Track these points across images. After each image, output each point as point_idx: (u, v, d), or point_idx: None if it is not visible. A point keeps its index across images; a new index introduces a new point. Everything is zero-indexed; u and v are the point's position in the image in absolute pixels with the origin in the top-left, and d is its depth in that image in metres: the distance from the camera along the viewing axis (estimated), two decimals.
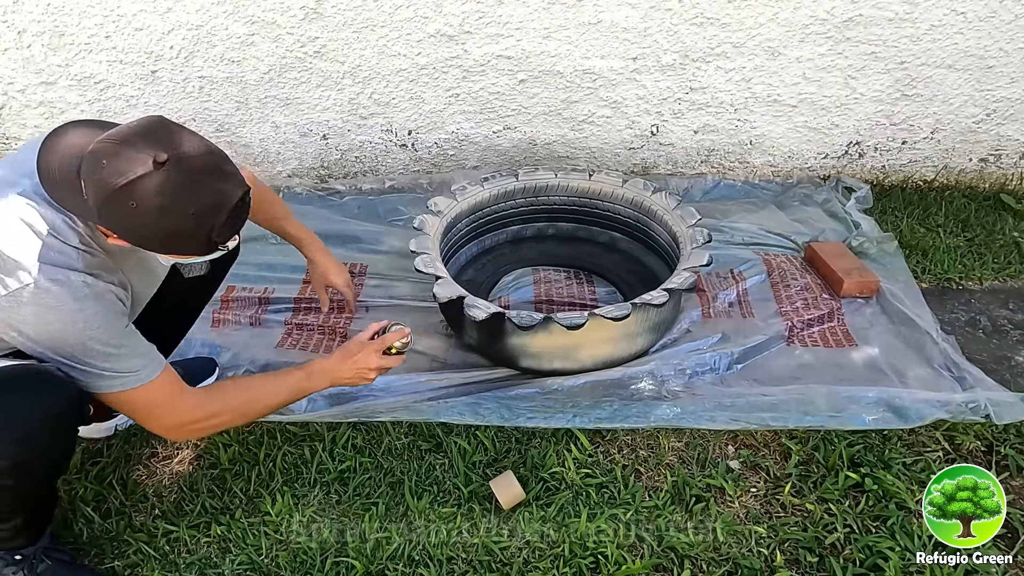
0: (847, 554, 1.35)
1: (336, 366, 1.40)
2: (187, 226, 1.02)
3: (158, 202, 0.98)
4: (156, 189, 0.97)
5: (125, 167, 0.97)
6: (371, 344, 1.43)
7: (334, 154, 2.60)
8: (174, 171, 0.98)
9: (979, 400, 1.61)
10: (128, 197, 0.97)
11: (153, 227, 1.01)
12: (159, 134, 1.01)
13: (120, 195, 0.97)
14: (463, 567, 1.34)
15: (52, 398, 1.09)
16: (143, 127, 1.02)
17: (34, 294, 1.04)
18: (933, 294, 2.09)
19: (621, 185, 2.10)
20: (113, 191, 0.97)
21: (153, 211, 0.98)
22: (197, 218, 1.01)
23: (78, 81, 2.35)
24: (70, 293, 1.06)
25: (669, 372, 1.75)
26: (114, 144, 0.99)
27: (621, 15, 2.27)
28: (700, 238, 1.81)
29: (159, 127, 1.03)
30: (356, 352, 1.42)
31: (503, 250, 2.25)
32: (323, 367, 1.40)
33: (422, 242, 1.82)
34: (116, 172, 0.97)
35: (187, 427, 1.27)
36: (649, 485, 1.51)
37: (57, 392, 1.10)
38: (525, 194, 2.17)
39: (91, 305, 1.09)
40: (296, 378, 1.37)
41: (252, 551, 1.37)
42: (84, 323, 1.08)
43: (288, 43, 2.30)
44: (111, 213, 1.00)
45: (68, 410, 1.12)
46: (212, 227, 1.03)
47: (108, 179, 0.97)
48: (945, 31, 2.32)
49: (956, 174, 2.69)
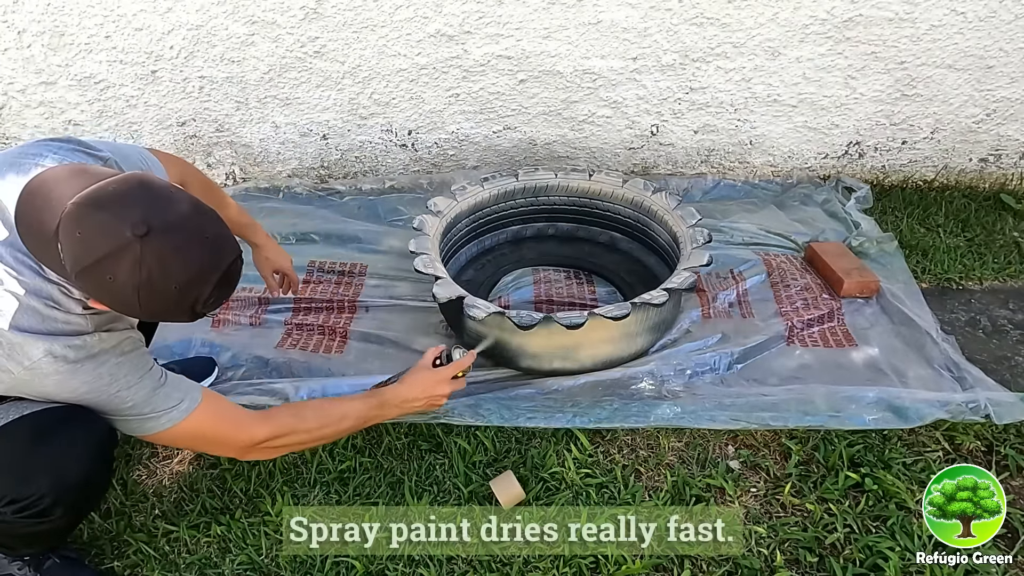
0: (847, 554, 1.35)
1: (407, 395, 1.42)
2: (169, 300, 0.94)
3: (136, 278, 0.90)
4: (133, 264, 0.89)
5: (99, 241, 0.89)
6: (442, 371, 1.46)
7: (334, 154, 2.60)
8: (154, 243, 0.90)
9: (979, 400, 1.61)
10: (104, 271, 0.90)
11: (131, 301, 0.93)
12: (138, 198, 0.92)
13: (96, 268, 0.90)
14: (463, 567, 1.34)
15: (93, 431, 1.10)
16: (121, 190, 0.92)
17: (53, 363, 1.02)
18: (933, 294, 2.09)
19: (621, 185, 2.10)
20: (89, 264, 0.90)
21: (131, 286, 0.91)
22: (180, 292, 0.94)
23: (78, 81, 2.35)
24: (89, 354, 1.04)
25: (669, 372, 1.75)
26: (89, 209, 0.90)
27: (621, 15, 2.27)
28: (700, 238, 1.81)
29: (139, 189, 0.93)
30: (427, 381, 1.44)
31: (503, 250, 2.25)
32: (395, 398, 1.41)
33: (422, 242, 1.82)
34: (90, 246, 0.89)
35: (258, 448, 1.25)
36: (649, 485, 1.51)
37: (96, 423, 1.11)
38: (525, 194, 2.17)
39: (113, 358, 1.07)
40: (368, 406, 1.38)
41: (252, 551, 1.37)
42: (110, 377, 1.07)
43: (288, 43, 2.30)
44: (88, 284, 0.93)
45: (110, 437, 1.14)
46: (196, 299, 0.96)
47: (83, 252, 0.89)
48: (945, 31, 2.32)
49: (956, 174, 2.70)
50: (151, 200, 0.93)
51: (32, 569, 1.27)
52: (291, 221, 2.41)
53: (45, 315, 1.01)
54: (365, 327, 1.96)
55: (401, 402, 1.42)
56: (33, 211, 0.94)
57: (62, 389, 1.05)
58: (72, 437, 1.08)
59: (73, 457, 1.08)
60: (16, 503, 1.06)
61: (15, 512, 1.06)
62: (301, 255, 2.22)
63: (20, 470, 1.06)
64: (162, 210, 0.92)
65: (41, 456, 1.06)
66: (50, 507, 1.08)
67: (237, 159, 2.60)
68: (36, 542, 1.22)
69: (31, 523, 1.09)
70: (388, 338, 1.92)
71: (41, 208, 0.93)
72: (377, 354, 1.87)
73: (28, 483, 1.06)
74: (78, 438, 1.08)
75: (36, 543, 1.23)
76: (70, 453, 1.07)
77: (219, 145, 2.56)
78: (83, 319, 1.05)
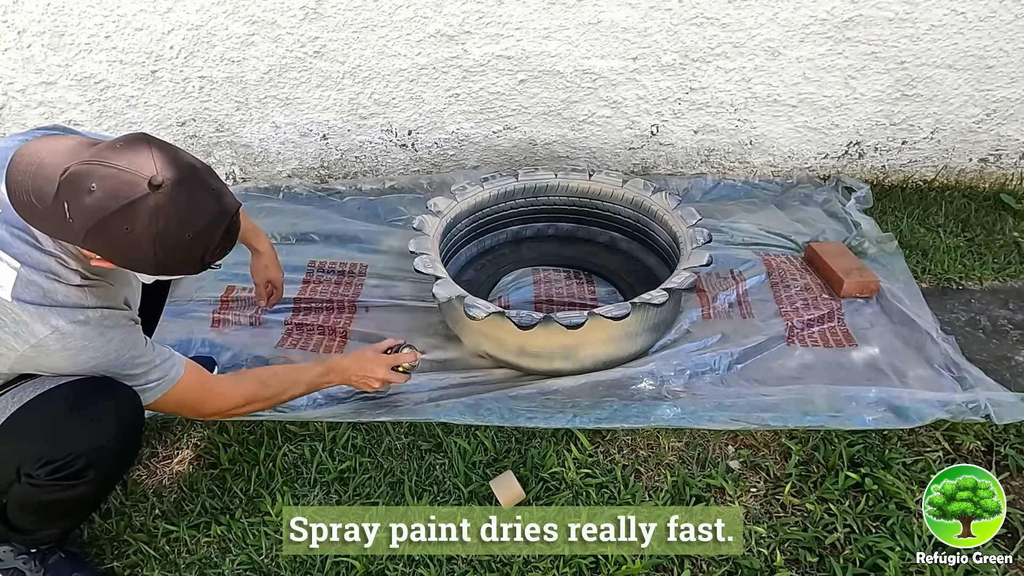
0: (847, 554, 1.35)
1: (349, 367, 1.55)
2: (182, 249, 1.00)
3: (154, 227, 0.95)
4: (151, 213, 0.94)
5: (118, 190, 0.93)
6: (384, 357, 1.58)
7: (334, 154, 2.60)
8: (170, 194, 0.95)
9: (980, 400, 1.61)
10: (122, 222, 0.94)
11: (146, 251, 0.97)
12: (147, 153, 0.96)
13: (113, 220, 0.93)
14: (463, 567, 1.34)
15: (126, 400, 1.16)
16: (129, 145, 0.97)
17: (60, 340, 1.05)
18: (933, 294, 2.09)
19: (621, 185, 2.10)
20: (106, 216, 0.93)
21: (148, 236, 0.95)
22: (192, 240, 0.99)
23: (78, 81, 2.35)
24: (95, 330, 1.08)
25: (669, 372, 1.75)
26: (102, 166, 0.94)
27: (621, 15, 2.27)
28: (700, 238, 1.81)
29: (144, 145, 0.98)
30: (369, 359, 1.56)
31: (503, 250, 2.25)
32: (338, 366, 1.54)
33: (422, 242, 1.82)
34: (109, 196, 0.92)
35: (228, 413, 1.38)
36: (649, 485, 1.51)
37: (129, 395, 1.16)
38: (525, 194, 2.17)
39: (117, 333, 1.11)
40: (315, 373, 1.51)
41: (252, 551, 1.37)
42: (116, 352, 1.11)
43: (288, 43, 2.30)
44: (101, 238, 0.96)
45: (140, 408, 1.19)
46: (207, 248, 1.02)
47: (100, 203, 0.93)
48: (945, 31, 2.32)
49: (956, 174, 2.69)
50: (160, 154, 0.97)
51: (38, 563, 1.28)
52: (291, 221, 2.41)
53: (46, 288, 1.04)
54: (365, 327, 1.96)
55: (343, 371, 1.54)
56: (26, 178, 0.96)
57: (70, 364, 1.08)
58: (107, 405, 1.12)
59: (109, 422, 1.13)
60: (51, 463, 1.08)
61: (49, 474, 1.08)
62: (301, 255, 2.22)
63: (57, 433, 1.10)
64: (172, 163, 0.97)
65: (78, 420, 1.10)
66: (84, 468, 1.10)
67: (237, 159, 2.60)
68: (59, 515, 1.23)
69: (62, 486, 1.11)
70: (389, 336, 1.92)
71: (35, 175, 0.95)
72: None
73: (65, 444, 1.09)
74: (112, 406, 1.13)
75: (58, 517, 1.24)
76: (105, 418, 1.12)
77: (219, 145, 2.56)
78: (82, 292, 1.07)
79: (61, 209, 0.94)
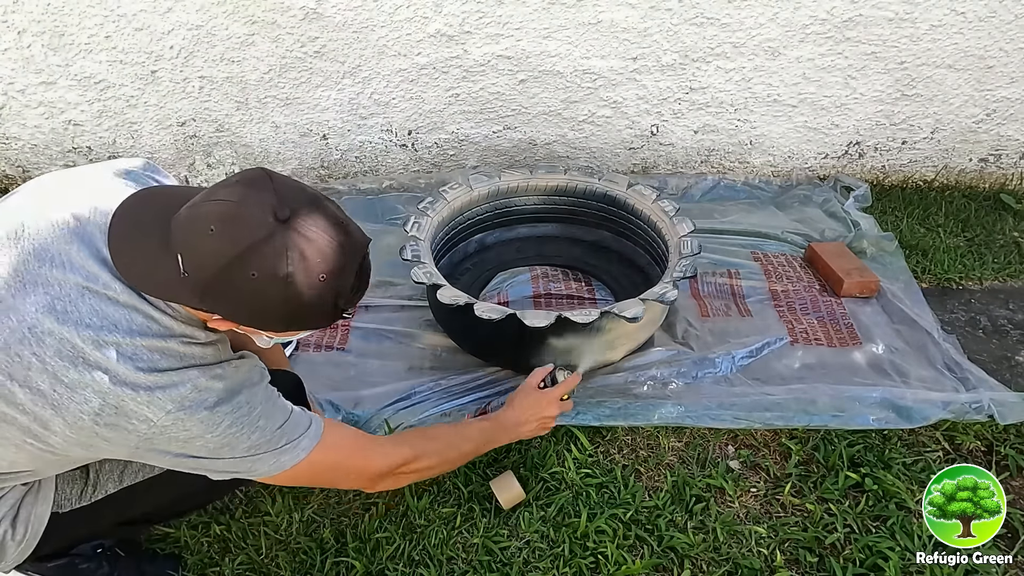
0: (847, 554, 1.35)
1: (519, 418, 1.40)
2: (315, 293, 0.85)
3: (282, 270, 0.82)
4: (279, 254, 0.81)
5: (241, 231, 0.80)
6: (548, 393, 1.45)
7: (334, 154, 2.60)
8: (298, 227, 0.82)
9: (983, 400, 1.61)
10: (247, 267, 0.81)
11: (276, 299, 0.84)
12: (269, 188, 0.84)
13: (237, 264, 0.81)
14: (463, 567, 1.34)
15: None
16: (248, 180, 0.85)
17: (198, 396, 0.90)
18: (933, 294, 2.09)
19: (615, 184, 2.09)
20: (229, 260, 0.81)
21: (278, 280, 0.82)
22: (326, 283, 0.85)
23: (78, 81, 2.34)
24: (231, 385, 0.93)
25: (670, 372, 1.75)
26: (221, 204, 0.82)
27: (621, 15, 2.26)
28: (687, 233, 1.81)
29: (263, 180, 0.85)
30: (534, 403, 1.42)
31: (496, 249, 2.23)
32: (507, 421, 1.39)
33: (415, 248, 1.78)
34: (231, 237, 0.80)
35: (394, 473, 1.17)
36: (649, 485, 1.51)
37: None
38: (518, 193, 2.15)
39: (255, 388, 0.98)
40: (484, 430, 1.35)
41: (252, 551, 1.37)
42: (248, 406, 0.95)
43: (288, 43, 2.30)
44: (223, 288, 0.83)
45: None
46: (339, 292, 0.88)
47: (219, 249, 0.81)
48: (945, 31, 2.32)
49: (956, 174, 2.70)
50: (279, 184, 0.85)
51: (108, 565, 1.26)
52: None
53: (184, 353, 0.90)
54: (365, 325, 1.96)
55: (514, 425, 1.39)
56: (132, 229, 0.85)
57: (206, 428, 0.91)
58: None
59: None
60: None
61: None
62: None
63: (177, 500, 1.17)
64: (293, 193, 0.85)
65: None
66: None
67: (237, 159, 2.60)
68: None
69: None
70: (388, 336, 1.91)
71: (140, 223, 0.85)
72: (377, 353, 1.87)
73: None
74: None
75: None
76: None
77: (219, 145, 2.55)
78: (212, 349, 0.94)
79: (174, 262, 0.83)
